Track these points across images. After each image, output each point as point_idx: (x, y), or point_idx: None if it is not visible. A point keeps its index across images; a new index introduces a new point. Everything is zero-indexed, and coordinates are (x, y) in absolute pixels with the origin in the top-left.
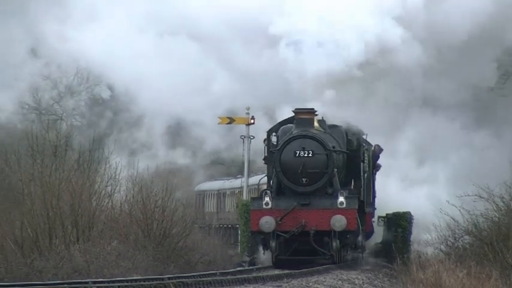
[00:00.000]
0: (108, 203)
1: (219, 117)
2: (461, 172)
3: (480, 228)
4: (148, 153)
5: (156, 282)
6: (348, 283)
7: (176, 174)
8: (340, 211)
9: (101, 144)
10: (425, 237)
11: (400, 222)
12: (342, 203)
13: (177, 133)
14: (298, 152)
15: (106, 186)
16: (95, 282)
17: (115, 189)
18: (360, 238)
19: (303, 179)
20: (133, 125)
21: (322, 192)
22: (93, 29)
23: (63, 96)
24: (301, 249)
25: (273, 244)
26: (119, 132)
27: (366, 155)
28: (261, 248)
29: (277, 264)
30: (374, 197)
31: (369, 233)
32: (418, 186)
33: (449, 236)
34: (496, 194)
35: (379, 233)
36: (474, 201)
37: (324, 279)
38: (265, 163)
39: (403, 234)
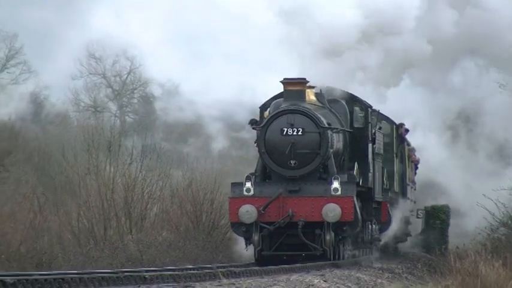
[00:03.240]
0: (159, 195)
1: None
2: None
3: None
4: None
5: (205, 270)
6: (388, 272)
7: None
8: (334, 199)
9: (153, 139)
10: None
11: (438, 215)
12: (336, 189)
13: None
14: (285, 129)
15: (157, 180)
16: (147, 271)
17: (166, 183)
18: (370, 230)
19: (292, 162)
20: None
21: (314, 177)
22: (148, 33)
23: (117, 94)
24: (289, 243)
25: (255, 237)
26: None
27: (377, 134)
28: (243, 243)
29: (260, 261)
30: (405, 186)
31: (385, 225)
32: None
33: (485, 227)
34: None
35: (418, 225)
36: (510, 195)
37: (365, 269)
38: (257, 146)
39: (441, 226)
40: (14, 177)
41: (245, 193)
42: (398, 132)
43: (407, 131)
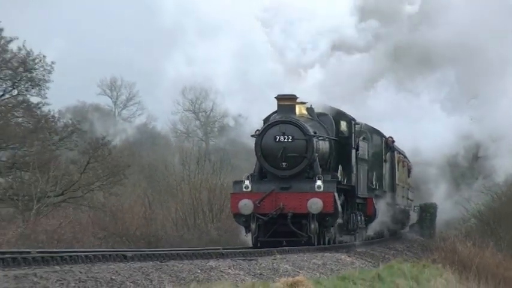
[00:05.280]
0: None
1: None
2: None
3: (482, 213)
4: None
5: (265, 249)
6: (393, 250)
7: None
8: (317, 194)
9: (227, 155)
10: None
11: (429, 210)
12: (319, 186)
13: None
14: (278, 137)
15: (231, 184)
16: (224, 249)
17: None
18: (354, 221)
19: (283, 163)
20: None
21: (302, 176)
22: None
23: (203, 124)
24: (281, 231)
25: (252, 226)
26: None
27: (361, 143)
28: (243, 230)
29: (256, 245)
30: (395, 185)
31: (371, 217)
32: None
33: (461, 218)
34: (493, 190)
35: (415, 216)
36: (477, 196)
37: (377, 247)
38: (255, 150)
39: (430, 218)
40: (131, 182)
41: (244, 189)
42: (387, 143)
43: (393, 141)
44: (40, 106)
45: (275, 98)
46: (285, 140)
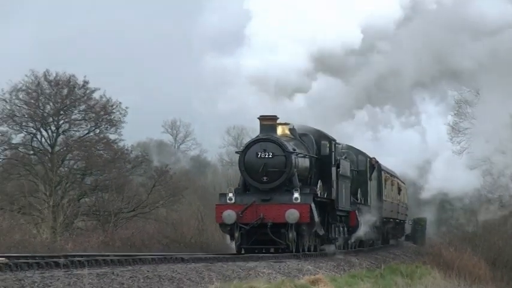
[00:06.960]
0: None
1: None
2: None
3: (463, 227)
4: None
5: (291, 253)
6: (393, 254)
7: None
8: (295, 206)
9: None
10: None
11: (420, 222)
12: (297, 198)
13: None
14: (259, 153)
15: None
16: (260, 253)
17: None
18: (335, 231)
19: (264, 178)
20: None
21: (282, 189)
22: None
23: None
24: (262, 239)
25: (236, 234)
26: None
27: (342, 161)
28: (228, 238)
29: (239, 252)
30: (381, 201)
31: (353, 228)
32: None
33: (445, 230)
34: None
35: (409, 228)
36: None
37: (379, 251)
38: (239, 166)
39: (421, 229)
40: (187, 201)
41: (228, 201)
42: (371, 163)
43: (376, 162)
44: (117, 141)
45: (258, 118)
46: (266, 156)
